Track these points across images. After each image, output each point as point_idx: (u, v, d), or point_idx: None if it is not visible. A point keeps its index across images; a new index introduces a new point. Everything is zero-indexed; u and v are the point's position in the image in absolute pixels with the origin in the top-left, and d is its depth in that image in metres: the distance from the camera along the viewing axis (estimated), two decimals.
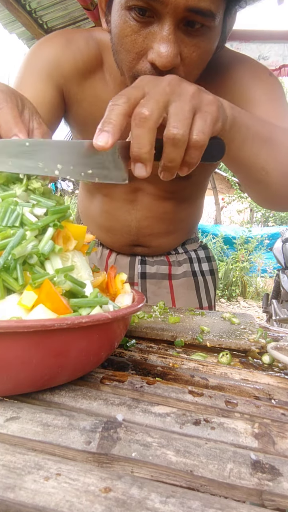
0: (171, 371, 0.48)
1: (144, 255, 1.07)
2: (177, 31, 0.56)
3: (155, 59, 0.57)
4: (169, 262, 1.08)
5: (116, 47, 0.63)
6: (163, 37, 0.55)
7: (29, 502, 0.24)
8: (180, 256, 1.09)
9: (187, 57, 0.59)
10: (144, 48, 0.58)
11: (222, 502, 0.25)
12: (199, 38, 0.58)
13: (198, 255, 1.11)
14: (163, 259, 1.08)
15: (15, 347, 0.32)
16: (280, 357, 0.49)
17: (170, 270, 1.08)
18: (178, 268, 1.07)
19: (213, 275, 1.13)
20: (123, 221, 0.98)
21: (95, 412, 0.36)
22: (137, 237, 1.00)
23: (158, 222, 0.98)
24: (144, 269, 1.06)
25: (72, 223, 0.47)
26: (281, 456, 0.31)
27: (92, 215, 1.05)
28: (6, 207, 0.40)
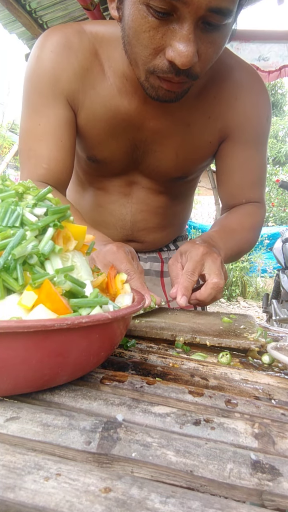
0: (171, 371, 0.48)
1: (138, 251, 1.06)
2: (196, 29, 0.57)
3: (175, 57, 0.57)
4: (161, 259, 1.09)
5: (131, 40, 0.63)
6: (183, 36, 0.56)
7: (29, 502, 0.24)
8: (172, 253, 1.10)
9: (203, 54, 0.60)
10: (162, 44, 0.59)
11: (222, 502, 0.25)
12: (215, 35, 0.59)
13: None
14: (155, 256, 1.09)
15: (15, 347, 0.32)
16: (280, 357, 0.49)
17: (162, 267, 1.09)
18: None
19: None
20: (118, 215, 0.98)
21: (95, 412, 0.36)
22: (131, 232, 1.01)
23: (153, 216, 0.99)
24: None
25: (72, 223, 0.47)
26: (281, 456, 0.31)
27: (84, 210, 1.03)
28: (6, 207, 0.40)
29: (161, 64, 0.61)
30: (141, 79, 0.68)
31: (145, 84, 0.67)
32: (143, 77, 0.66)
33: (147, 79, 0.66)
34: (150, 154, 0.88)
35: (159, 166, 0.90)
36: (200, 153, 0.90)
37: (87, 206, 1.02)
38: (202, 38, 0.58)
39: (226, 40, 0.63)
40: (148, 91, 0.68)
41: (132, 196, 0.96)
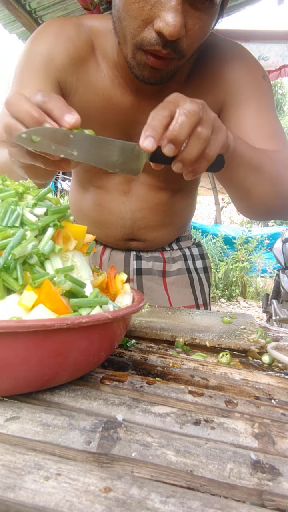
0: (171, 371, 0.48)
1: (139, 250, 1.06)
2: (184, 2, 0.58)
3: (162, 28, 0.58)
4: (163, 258, 1.07)
5: (120, 14, 0.63)
6: (172, 7, 0.57)
7: (29, 502, 0.24)
8: (175, 252, 1.09)
9: (191, 29, 0.61)
10: (151, 16, 0.60)
11: (222, 502, 0.25)
12: (202, 11, 0.61)
13: (192, 253, 1.11)
14: (158, 255, 1.07)
15: (15, 347, 0.32)
16: (280, 357, 0.49)
17: (165, 267, 1.07)
18: (172, 265, 1.07)
19: (207, 272, 1.13)
20: (118, 213, 0.97)
21: (95, 412, 0.36)
22: (132, 230, 0.99)
23: (153, 214, 0.97)
24: (140, 265, 1.05)
25: (72, 223, 0.47)
26: (281, 456, 0.31)
27: (85, 210, 1.03)
28: (6, 207, 0.41)
29: (149, 36, 0.61)
30: (128, 57, 0.68)
31: (132, 62, 0.67)
32: (130, 54, 0.66)
33: (134, 56, 0.66)
34: None
35: None
36: None
37: (88, 205, 1.01)
38: (190, 13, 0.60)
39: (212, 21, 0.65)
40: (134, 70, 0.68)
41: (131, 193, 0.95)
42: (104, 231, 1.02)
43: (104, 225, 1.00)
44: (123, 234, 1.00)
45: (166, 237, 1.05)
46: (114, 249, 1.06)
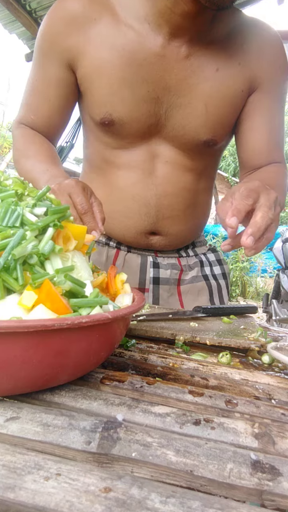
0: (171, 371, 0.48)
1: (158, 251, 0.99)
2: None
3: None
4: (180, 266, 1.00)
5: None
6: None
7: (29, 502, 0.24)
8: (191, 259, 1.03)
9: None
10: None
11: (222, 502, 0.25)
12: None
13: (208, 258, 1.05)
14: (175, 263, 1.00)
15: (15, 347, 0.32)
16: (280, 357, 0.49)
17: (181, 275, 1.00)
18: (188, 273, 1.01)
19: (225, 278, 1.06)
20: (142, 199, 0.88)
21: (95, 412, 0.36)
22: (156, 220, 0.90)
23: (179, 200, 0.90)
24: (157, 274, 0.98)
25: (72, 223, 0.47)
26: (281, 456, 0.31)
27: (103, 198, 0.95)
28: (6, 207, 0.41)
29: None
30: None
31: None
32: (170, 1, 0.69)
33: None
34: (176, 111, 0.81)
35: (186, 125, 0.82)
36: (231, 104, 0.83)
37: (106, 193, 0.91)
38: None
39: None
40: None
41: (156, 174, 0.87)
42: (124, 223, 0.92)
43: (125, 215, 0.91)
44: (146, 225, 0.91)
45: (187, 233, 0.98)
46: (129, 251, 0.99)
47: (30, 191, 0.46)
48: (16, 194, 0.44)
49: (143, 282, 0.97)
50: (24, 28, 3.05)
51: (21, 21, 2.94)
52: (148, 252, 0.99)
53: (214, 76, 0.80)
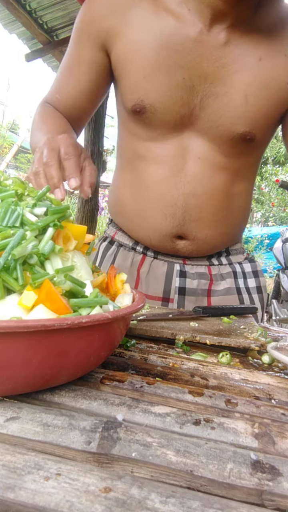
0: (171, 371, 0.48)
1: (186, 257, 0.92)
2: None
3: None
4: (210, 275, 0.92)
5: None
6: None
7: (29, 502, 0.24)
8: (224, 268, 0.94)
9: None
10: None
11: (222, 502, 0.25)
12: None
13: (243, 269, 0.96)
14: (204, 272, 0.92)
15: (15, 347, 0.32)
16: (280, 357, 0.49)
17: (211, 285, 0.92)
18: (220, 283, 0.93)
19: (260, 293, 0.96)
20: (168, 198, 0.82)
21: (95, 412, 0.36)
22: (182, 221, 0.83)
23: (208, 202, 0.83)
24: (184, 283, 0.91)
25: (72, 223, 0.47)
26: (281, 456, 0.31)
27: (127, 197, 0.89)
28: (6, 207, 0.41)
29: None
30: None
31: None
32: None
33: None
34: (211, 100, 0.76)
35: (222, 116, 0.76)
36: (274, 96, 0.77)
37: (134, 192, 0.86)
38: None
39: None
40: None
41: (185, 171, 0.80)
42: (149, 224, 0.86)
43: (150, 215, 0.85)
44: (171, 226, 0.84)
45: (217, 239, 0.90)
46: (156, 257, 0.93)
47: (30, 191, 0.46)
48: (16, 194, 0.44)
49: (168, 292, 0.91)
50: (24, 28, 3.05)
51: (21, 21, 2.94)
52: (176, 259, 0.92)
53: (257, 65, 0.75)
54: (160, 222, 0.84)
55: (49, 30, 3.19)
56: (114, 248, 0.99)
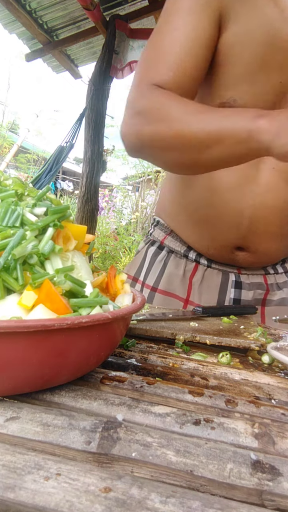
0: (171, 371, 0.48)
1: (242, 268, 0.86)
2: None
3: None
4: (266, 285, 0.87)
5: None
6: None
7: (29, 502, 0.24)
8: (280, 277, 0.88)
9: None
10: None
11: (222, 502, 0.25)
12: None
13: None
14: (260, 282, 0.87)
15: (15, 347, 0.32)
16: (280, 357, 0.49)
17: (266, 295, 0.87)
18: (276, 293, 0.87)
19: None
20: (235, 208, 0.75)
21: (95, 412, 0.36)
22: (246, 234, 0.77)
23: (277, 216, 0.75)
24: (239, 295, 0.85)
25: (72, 223, 0.47)
26: (281, 456, 0.31)
27: (188, 202, 0.81)
28: (6, 207, 0.41)
29: None
30: None
31: None
32: None
33: None
34: None
35: None
36: None
37: (196, 196, 0.79)
38: None
39: None
40: None
41: (258, 181, 0.73)
42: (210, 232, 0.80)
43: (213, 223, 0.78)
44: (234, 238, 0.78)
45: (279, 252, 0.84)
46: (209, 266, 0.87)
47: (30, 191, 0.46)
48: (16, 194, 0.44)
49: (221, 303, 0.86)
50: (24, 28, 3.06)
51: (21, 21, 2.95)
52: (231, 268, 0.87)
53: None
54: (223, 232, 0.78)
55: (49, 30, 3.19)
56: (164, 254, 0.91)
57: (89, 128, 3.17)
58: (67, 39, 3.25)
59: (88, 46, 3.46)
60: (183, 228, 0.87)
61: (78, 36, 3.22)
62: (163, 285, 0.90)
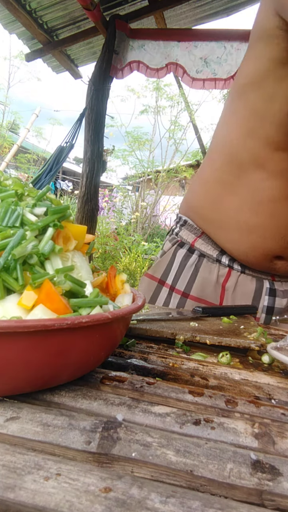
0: (171, 371, 0.48)
1: (277, 276, 0.84)
2: None
3: None
4: None
5: None
6: None
7: (29, 502, 0.24)
8: None
9: None
10: None
11: (222, 502, 0.25)
12: None
13: None
14: None
15: (15, 347, 0.32)
16: (280, 357, 0.49)
17: None
18: None
19: None
20: (283, 218, 0.72)
21: (95, 412, 0.36)
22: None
23: None
24: (273, 302, 0.84)
25: (72, 223, 0.47)
26: (281, 456, 0.31)
27: (232, 209, 0.77)
28: (6, 207, 0.41)
29: None
30: None
31: None
32: None
33: None
34: None
35: None
36: None
37: (240, 202, 0.76)
38: None
39: None
40: None
41: None
42: (252, 240, 0.77)
43: (256, 232, 0.75)
44: (277, 247, 0.75)
45: None
46: (243, 272, 0.84)
47: (30, 191, 0.46)
48: (16, 194, 0.44)
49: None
50: (24, 28, 3.06)
51: (21, 21, 2.95)
52: (265, 275, 0.84)
53: None
54: (266, 241, 0.75)
55: (49, 30, 3.19)
56: (195, 258, 0.88)
57: (89, 128, 3.17)
58: (67, 39, 3.25)
59: (88, 46, 3.46)
60: (220, 233, 0.84)
61: (78, 36, 3.22)
62: (195, 291, 0.87)
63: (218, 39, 2.79)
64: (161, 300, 0.92)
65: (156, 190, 6.85)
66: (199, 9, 3.15)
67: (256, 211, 0.74)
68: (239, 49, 2.77)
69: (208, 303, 0.87)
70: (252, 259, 0.80)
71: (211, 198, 0.82)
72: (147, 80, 6.47)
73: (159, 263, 0.96)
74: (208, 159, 0.84)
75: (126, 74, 3.11)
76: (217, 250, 0.87)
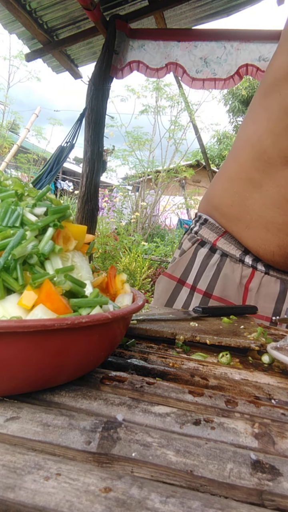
0: (171, 371, 0.48)
1: None
2: None
3: None
4: None
5: None
6: None
7: (29, 502, 0.24)
8: None
9: None
10: None
11: (222, 502, 0.25)
12: None
13: None
14: None
15: (15, 347, 0.32)
16: (280, 357, 0.49)
17: None
18: None
19: None
20: None
21: (95, 412, 0.36)
22: None
23: None
24: None
25: (72, 223, 0.47)
26: (281, 456, 0.31)
27: (260, 206, 0.75)
28: (6, 207, 0.41)
29: None
30: None
31: None
32: None
33: None
34: None
35: None
36: None
37: (265, 200, 0.74)
38: None
39: None
40: None
41: None
42: (280, 239, 0.75)
43: (283, 231, 0.73)
44: None
45: None
46: (267, 273, 0.83)
47: (30, 191, 0.46)
48: (16, 194, 0.44)
49: (277, 312, 0.83)
50: (24, 28, 3.06)
51: (21, 21, 2.95)
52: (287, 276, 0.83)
53: None
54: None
55: (49, 30, 3.19)
56: (217, 258, 0.87)
57: (89, 128, 3.17)
58: (67, 39, 3.25)
59: (88, 46, 3.46)
60: (245, 231, 0.82)
61: (78, 36, 3.22)
62: (217, 291, 0.85)
63: (218, 39, 2.80)
64: (182, 299, 0.90)
65: (156, 190, 6.85)
66: (199, 9, 3.15)
67: (285, 208, 0.72)
68: (239, 49, 2.77)
69: (230, 304, 0.85)
70: (278, 258, 0.78)
71: (236, 195, 0.80)
72: (147, 80, 6.47)
73: (179, 262, 0.93)
74: (233, 156, 0.82)
75: (126, 74, 3.11)
76: (240, 249, 0.85)
